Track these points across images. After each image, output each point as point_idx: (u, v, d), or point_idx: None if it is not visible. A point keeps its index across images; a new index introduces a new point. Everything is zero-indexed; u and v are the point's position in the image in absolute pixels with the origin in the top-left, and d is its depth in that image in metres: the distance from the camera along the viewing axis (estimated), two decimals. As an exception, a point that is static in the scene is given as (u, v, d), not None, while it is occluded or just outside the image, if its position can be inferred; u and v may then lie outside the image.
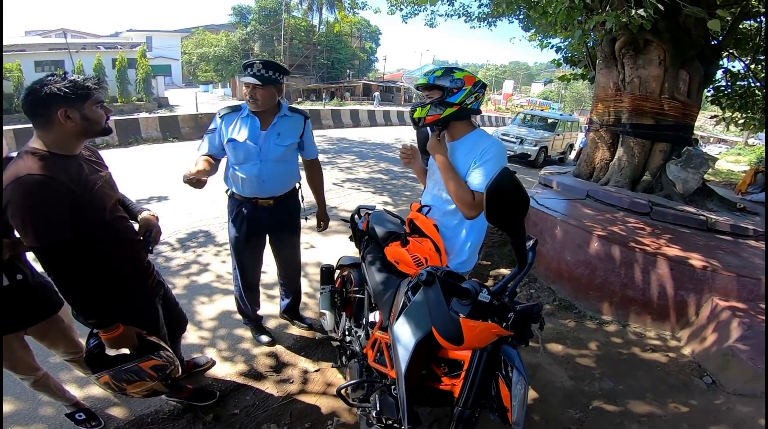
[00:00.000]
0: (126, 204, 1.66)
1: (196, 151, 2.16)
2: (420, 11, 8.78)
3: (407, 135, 13.57)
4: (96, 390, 2.14)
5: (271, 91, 2.04)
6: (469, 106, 1.61)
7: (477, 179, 1.56)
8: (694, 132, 4.98)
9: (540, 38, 7.62)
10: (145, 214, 1.67)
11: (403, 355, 1.24)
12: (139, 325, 1.57)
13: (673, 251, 3.11)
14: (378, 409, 1.49)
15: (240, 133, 2.07)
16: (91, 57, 22.51)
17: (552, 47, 6.60)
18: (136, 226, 1.65)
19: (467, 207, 1.56)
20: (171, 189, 5.63)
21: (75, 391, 2.07)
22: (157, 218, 1.71)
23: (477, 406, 1.22)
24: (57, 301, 1.71)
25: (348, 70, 39.06)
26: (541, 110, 15.77)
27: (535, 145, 10.39)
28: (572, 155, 12.42)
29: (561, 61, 6.45)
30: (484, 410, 1.26)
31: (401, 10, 8.76)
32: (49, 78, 1.28)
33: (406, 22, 9.16)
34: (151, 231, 1.65)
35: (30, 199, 1.23)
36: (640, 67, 4.42)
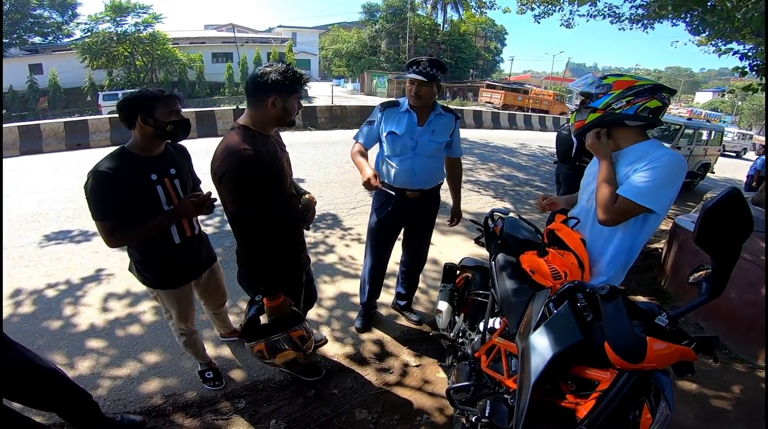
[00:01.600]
0: (294, 184, 1.84)
1: (352, 138, 2.32)
2: (554, 11, 8.08)
3: (532, 139, 12.79)
4: (225, 351, 2.41)
5: (433, 88, 2.11)
6: (617, 111, 1.46)
7: (631, 183, 1.40)
8: None
9: (716, 43, 6.41)
10: (307, 196, 1.86)
11: (536, 366, 1.21)
12: (288, 296, 1.65)
13: None
14: (487, 415, 1.47)
15: (399, 126, 2.19)
16: (252, 50, 26.39)
17: (734, 53, 5.50)
18: None
19: (604, 210, 1.42)
20: (304, 172, 6.27)
21: (209, 350, 2.26)
22: (315, 202, 1.91)
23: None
24: (213, 251, 1.99)
25: (471, 70, 38.31)
26: (689, 117, 11.48)
27: None
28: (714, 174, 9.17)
29: (747, 70, 5.34)
30: None
31: (533, 9, 8.15)
32: (274, 65, 1.42)
33: (538, 23, 8.49)
34: (308, 211, 1.83)
35: (244, 171, 1.35)
36: None
